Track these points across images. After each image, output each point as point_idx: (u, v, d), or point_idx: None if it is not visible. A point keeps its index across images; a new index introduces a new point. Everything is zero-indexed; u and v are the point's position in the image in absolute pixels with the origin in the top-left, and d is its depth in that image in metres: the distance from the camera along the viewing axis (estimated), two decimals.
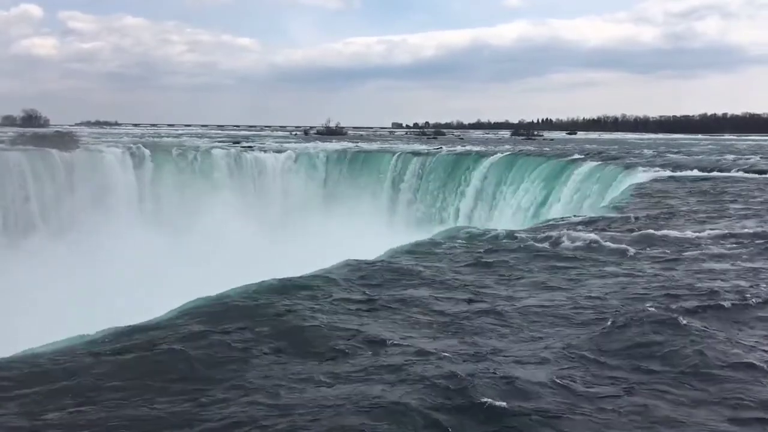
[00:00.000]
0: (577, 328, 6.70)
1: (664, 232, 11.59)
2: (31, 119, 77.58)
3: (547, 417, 4.61)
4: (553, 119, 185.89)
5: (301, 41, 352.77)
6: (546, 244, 10.80)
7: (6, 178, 31.55)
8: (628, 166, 26.58)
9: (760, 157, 31.85)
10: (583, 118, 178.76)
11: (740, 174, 23.33)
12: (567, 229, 11.97)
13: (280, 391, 5.07)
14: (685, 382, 5.32)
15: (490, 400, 4.78)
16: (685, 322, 6.54)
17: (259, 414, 4.69)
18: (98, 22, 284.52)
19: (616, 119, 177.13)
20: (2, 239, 30.38)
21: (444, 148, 45.98)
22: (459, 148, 45.18)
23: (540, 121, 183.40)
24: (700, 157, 34.00)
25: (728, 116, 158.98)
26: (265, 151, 43.62)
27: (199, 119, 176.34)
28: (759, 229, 11.80)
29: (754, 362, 5.65)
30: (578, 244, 10.73)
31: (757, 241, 10.84)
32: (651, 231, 11.69)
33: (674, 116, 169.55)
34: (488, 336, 6.46)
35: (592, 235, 11.22)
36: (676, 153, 37.66)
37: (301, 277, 8.35)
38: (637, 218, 13.50)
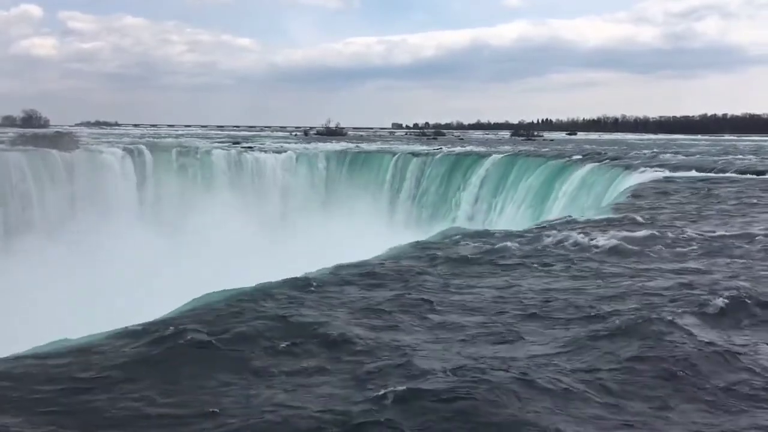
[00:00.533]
0: (497, 325, 6.90)
1: (625, 234, 11.75)
2: (31, 119, 77.70)
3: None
4: (553, 119, 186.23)
5: (301, 41, 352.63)
6: (516, 245, 11.02)
7: (6, 179, 31.62)
8: (627, 167, 26.58)
9: (760, 158, 31.86)
10: (583, 119, 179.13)
11: (736, 175, 23.26)
12: (560, 231, 12.24)
13: (265, 391, 5.14)
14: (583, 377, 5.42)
15: (392, 388, 5.00)
16: (608, 321, 6.72)
17: (251, 414, 4.75)
18: (98, 22, 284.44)
19: (616, 120, 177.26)
20: (2, 239, 30.46)
21: (444, 148, 46.07)
22: (458, 149, 45.27)
23: (540, 121, 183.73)
24: (696, 157, 34.05)
25: (728, 116, 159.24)
26: (265, 152, 43.70)
27: (199, 119, 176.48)
28: (724, 232, 11.95)
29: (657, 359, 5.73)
30: (559, 245, 11.04)
31: (715, 244, 11.01)
32: (616, 232, 11.91)
33: (674, 117, 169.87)
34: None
35: (566, 236, 11.49)
36: (674, 153, 37.68)
37: (290, 278, 8.44)
38: (613, 220, 13.66)
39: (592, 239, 11.13)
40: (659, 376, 5.43)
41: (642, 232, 11.90)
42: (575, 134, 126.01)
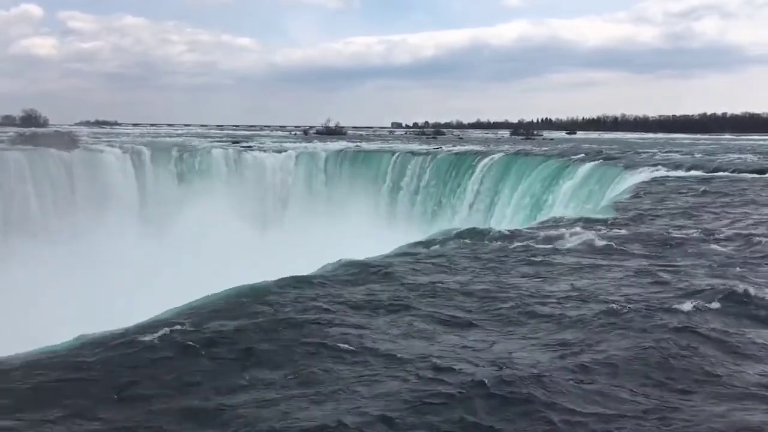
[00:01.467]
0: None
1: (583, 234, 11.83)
2: (30, 119, 77.57)
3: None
4: (553, 119, 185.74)
5: (300, 41, 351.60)
6: (499, 244, 11.27)
7: (5, 178, 31.60)
8: (627, 166, 26.56)
9: (757, 157, 31.86)
10: (583, 118, 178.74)
11: (734, 174, 23.20)
12: (567, 228, 12.38)
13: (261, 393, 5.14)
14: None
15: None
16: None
17: (249, 416, 4.76)
18: (98, 22, 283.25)
19: (615, 119, 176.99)
20: (1, 239, 30.45)
21: (443, 147, 46.08)
22: (458, 148, 45.26)
23: (540, 120, 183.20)
24: (695, 156, 34.03)
25: (728, 116, 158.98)
26: (264, 151, 43.69)
27: (199, 119, 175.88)
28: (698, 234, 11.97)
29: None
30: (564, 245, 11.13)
31: (702, 243, 11.03)
32: (612, 231, 12.06)
33: (674, 116, 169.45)
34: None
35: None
36: (672, 153, 37.64)
37: (293, 277, 8.46)
38: (610, 220, 13.69)
39: (588, 238, 11.25)
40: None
41: (635, 231, 11.98)
42: (575, 133, 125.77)
